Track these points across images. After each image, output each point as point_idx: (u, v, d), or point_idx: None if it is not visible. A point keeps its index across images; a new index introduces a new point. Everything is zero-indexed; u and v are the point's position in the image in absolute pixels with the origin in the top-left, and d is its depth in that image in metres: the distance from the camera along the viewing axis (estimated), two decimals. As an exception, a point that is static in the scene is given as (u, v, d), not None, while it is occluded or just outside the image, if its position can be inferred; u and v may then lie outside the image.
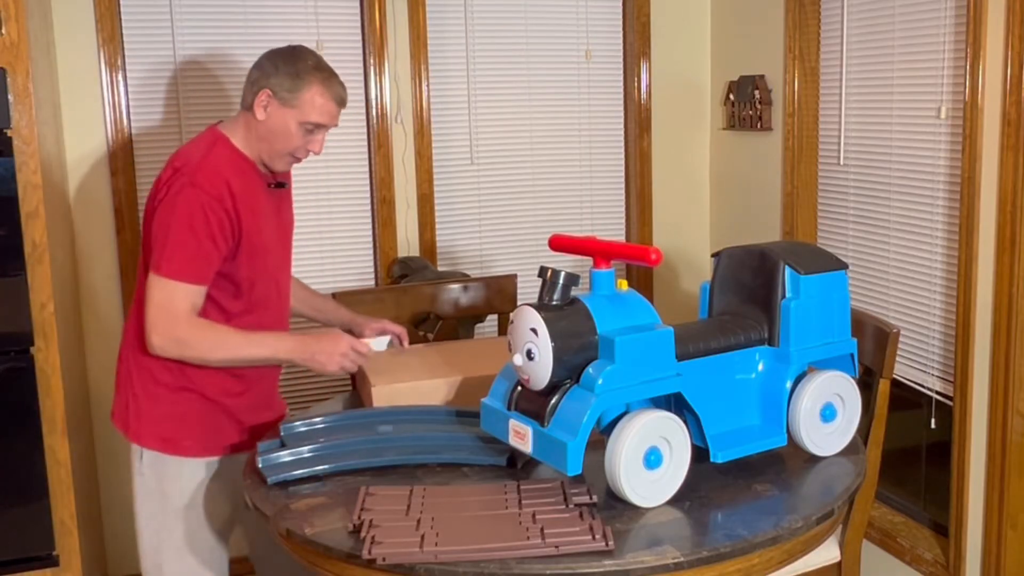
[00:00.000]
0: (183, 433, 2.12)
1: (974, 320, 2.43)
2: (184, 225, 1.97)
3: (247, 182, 2.08)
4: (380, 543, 1.47)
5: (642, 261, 1.63)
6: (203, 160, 2.03)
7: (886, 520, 2.86)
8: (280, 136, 2.07)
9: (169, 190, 2.00)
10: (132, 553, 3.13)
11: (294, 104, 2.04)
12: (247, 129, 2.10)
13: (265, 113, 2.06)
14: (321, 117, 2.07)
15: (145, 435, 2.13)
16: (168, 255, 1.97)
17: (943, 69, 2.54)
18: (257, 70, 2.08)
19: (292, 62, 2.05)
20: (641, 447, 1.59)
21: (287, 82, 2.04)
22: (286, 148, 2.09)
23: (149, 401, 2.11)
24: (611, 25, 3.48)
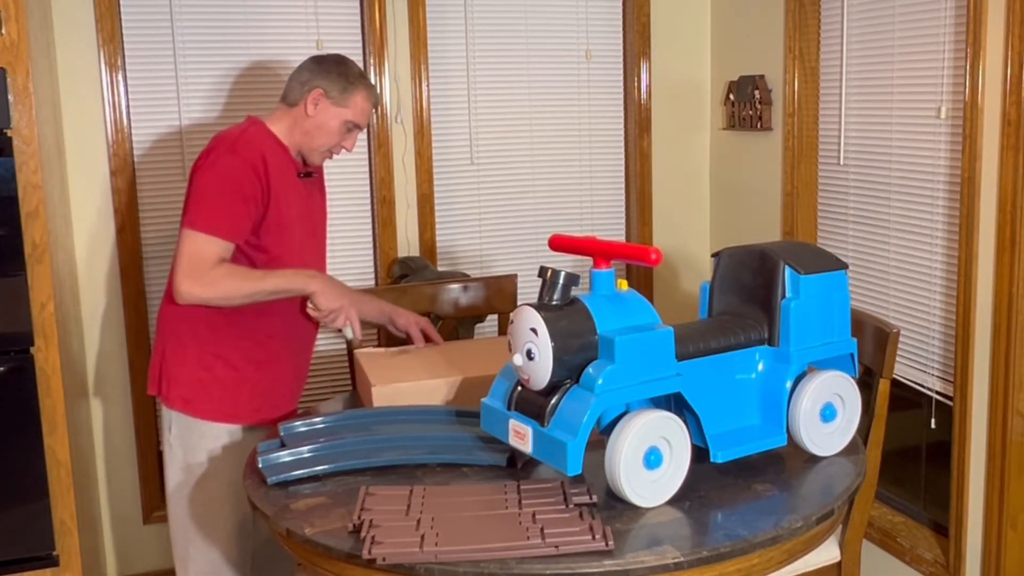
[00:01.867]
0: (206, 397, 2.25)
1: (974, 320, 2.43)
2: (220, 185, 2.15)
3: (280, 162, 2.27)
4: (380, 543, 1.47)
5: (642, 261, 1.63)
6: (242, 134, 2.25)
7: (886, 520, 2.86)
8: (325, 132, 2.29)
9: (208, 157, 2.19)
10: (132, 553, 3.14)
11: (344, 104, 2.28)
12: (292, 122, 2.30)
13: (315, 109, 2.27)
14: (361, 118, 2.32)
15: (173, 397, 2.27)
16: (203, 211, 2.14)
17: (943, 69, 2.54)
18: (308, 72, 2.30)
19: (343, 68, 2.31)
20: (641, 447, 1.59)
21: (339, 84, 2.27)
22: (327, 143, 2.31)
23: (177, 365, 2.26)
24: (611, 25, 3.48)
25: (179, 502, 2.30)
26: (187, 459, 2.27)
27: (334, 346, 3.23)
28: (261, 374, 2.29)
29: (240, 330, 2.25)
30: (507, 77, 3.36)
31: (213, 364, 2.25)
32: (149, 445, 3.09)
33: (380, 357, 2.30)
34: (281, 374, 2.33)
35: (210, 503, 2.28)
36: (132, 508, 3.12)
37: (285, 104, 2.32)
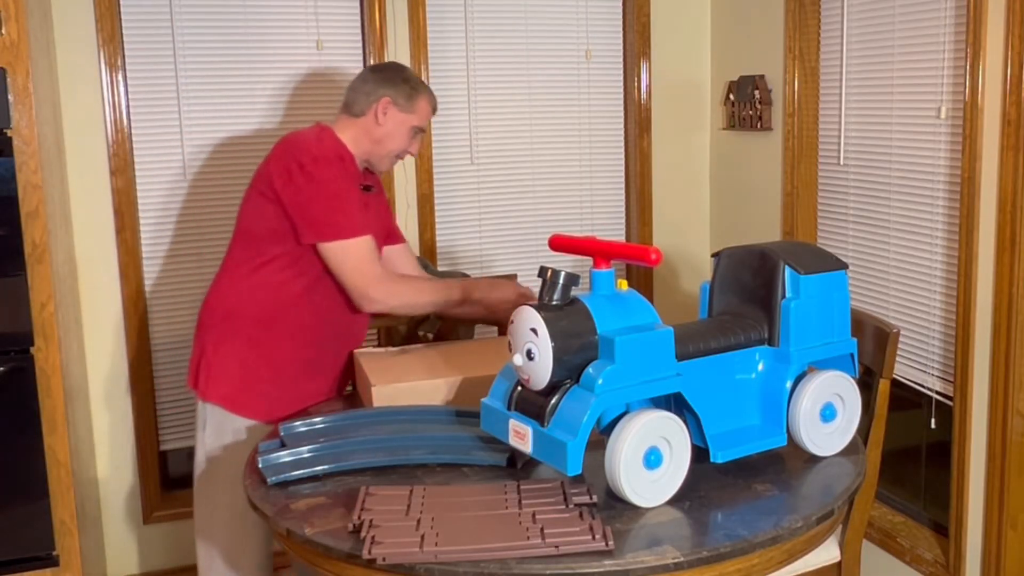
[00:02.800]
0: (246, 394, 2.27)
1: (974, 320, 2.43)
2: (339, 191, 2.23)
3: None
4: (380, 543, 1.47)
5: (642, 261, 1.63)
6: (321, 138, 2.31)
7: (886, 520, 2.86)
8: (394, 138, 2.38)
9: (303, 168, 2.22)
10: (132, 553, 3.14)
11: (411, 110, 2.38)
12: (360, 131, 2.36)
13: (385, 117, 2.36)
14: (425, 123, 2.43)
15: (211, 391, 2.28)
16: (339, 219, 2.22)
17: (943, 69, 2.54)
18: (372, 82, 2.38)
19: (405, 75, 2.42)
20: (641, 447, 1.59)
21: (404, 91, 2.37)
22: (396, 149, 2.40)
23: (219, 359, 2.29)
24: (611, 25, 3.48)
25: (207, 498, 2.31)
26: (221, 454, 2.28)
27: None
28: (302, 374, 2.31)
29: (288, 329, 2.28)
30: (507, 77, 3.36)
31: (257, 362, 2.28)
32: (149, 445, 3.09)
33: (380, 357, 2.30)
34: (321, 375, 2.35)
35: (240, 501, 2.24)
36: (132, 508, 3.12)
37: (349, 114, 2.38)
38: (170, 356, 3.11)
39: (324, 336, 2.32)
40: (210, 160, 3.08)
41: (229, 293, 2.31)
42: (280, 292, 2.27)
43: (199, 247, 3.09)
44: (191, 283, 3.09)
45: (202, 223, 3.09)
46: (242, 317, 2.28)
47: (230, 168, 3.09)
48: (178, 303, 3.09)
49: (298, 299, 2.28)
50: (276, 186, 2.23)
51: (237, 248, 2.35)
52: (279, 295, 2.27)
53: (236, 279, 2.31)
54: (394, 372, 2.17)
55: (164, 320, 3.09)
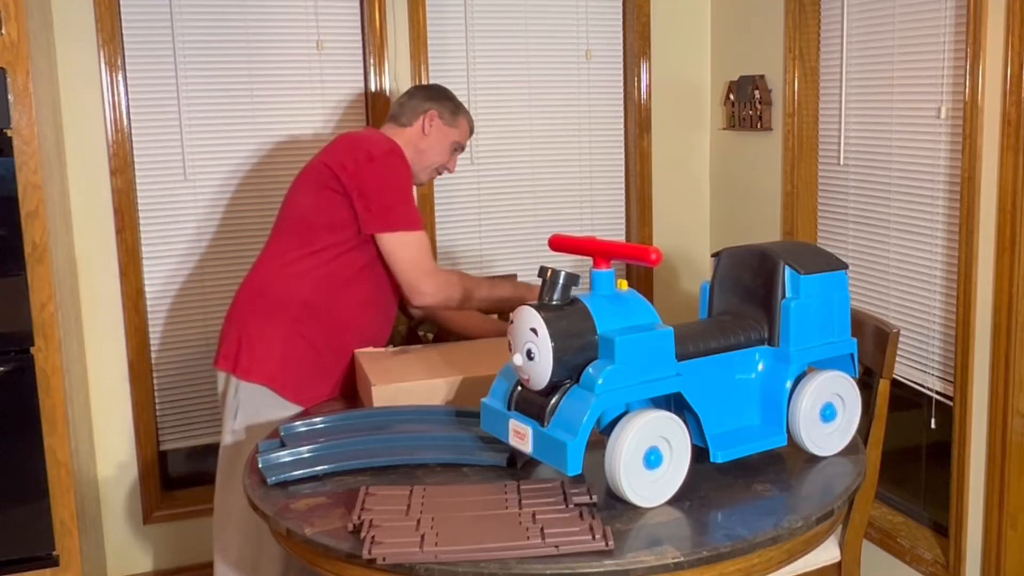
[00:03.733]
0: (287, 374, 2.31)
1: (974, 320, 2.43)
2: (401, 185, 2.34)
3: None
4: (380, 543, 1.47)
5: (642, 261, 1.63)
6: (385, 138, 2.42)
7: (886, 520, 2.86)
8: (437, 150, 2.53)
9: (374, 159, 2.32)
10: (132, 553, 3.14)
11: (454, 125, 2.55)
12: (405, 141, 2.47)
13: (431, 128, 2.51)
14: (465, 140, 2.60)
15: (255, 370, 2.32)
16: (400, 212, 2.31)
17: (943, 69, 2.54)
18: (420, 98, 2.54)
19: (450, 94, 2.59)
20: (641, 447, 1.59)
21: (450, 107, 2.55)
22: (437, 161, 2.55)
23: (263, 341, 2.33)
24: (611, 25, 3.48)
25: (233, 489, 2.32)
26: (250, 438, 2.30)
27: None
28: (337, 362, 2.35)
29: (326, 317, 2.33)
30: (507, 77, 3.36)
31: (299, 344, 2.32)
32: (149, 445, 3.09)
33: (380, 357, 2.30)
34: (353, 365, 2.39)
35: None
36: (132, 508, 3.12)
37: (396, 124, 2.52)
38: (170, 356, 3.11)
39: (360, 327, 2.37)
40: (210, 160, 3.08)
41: (273, 279, 2.37)
42: (325, 281, 2.34)
43: (199, 247, 3.09)
44: (191, 283, 3.10)
45: (202, 223, 3.09)
46: (287, 301, 2.32)
47: (230, 168, 3.09)
48: (178, 303, 3.10)
49: (340, 289, 2.35)
50: (343, 176, 2.31)
51: (284, 236, 2.41)
52: (324, 284, 2.34)
53: (281, 265, 2.37)
54: (394, 372, 2.17)
55: (164, 320, 3.09)
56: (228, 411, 2.34)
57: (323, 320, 2.34)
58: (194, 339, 3.11)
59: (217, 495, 2.41)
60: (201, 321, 3.10)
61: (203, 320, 3.10)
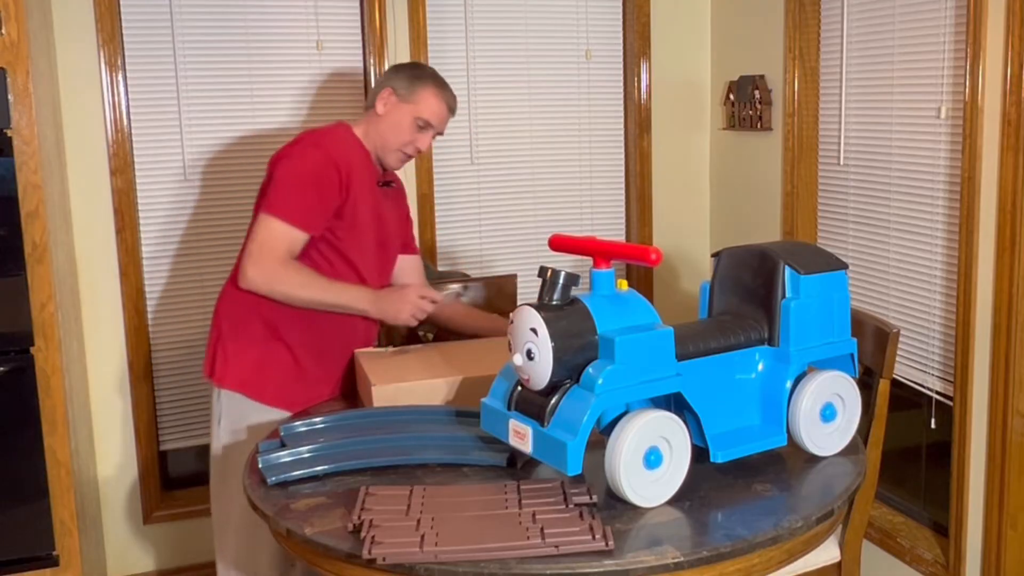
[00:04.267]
0: (263, 379, 2.29)
1: (974, 320, 2.43)
2: (300, 176, 2.23)
3: (362, 166, 2.34)
4: (380, 543, 1.47)
5: (642, 261, 1.63)
6: (327, 133, 2.34)
7: (886, 520, 2.86)
8: (395, 129, 2.34)
9: (293, 148, 2.28)
10: (132, 553, 3.14)
11: (411, 100, 2.34)
12: (368, 124, 2.37)
13: (385, 108, 2.35)
14: (431, 115, 2.35)
15: (229, 377, 2.30)
16: (281, 199, 2.22)
17: (943, 69, 2.54)
18: (384, 76, 2.41)
19: (414, 68, 2.42)
20: (641, 447, 1.59)
21: (406, 81, 2.35)
22: (398, 141, 2.36)
23: (236, 346, 2.31)
24: (611, 25, 3.48)
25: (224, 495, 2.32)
26: (236, 443, 2.29)
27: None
28: (316, 363, 2.33)
29: (302, 318, 2.29)
30: (507, 77, 3.36)
31: (274, 347, 2.29)
32: (149, 445, 3.09)
33: (380, 357, 2.30)
34: (336, 365, 2.37)
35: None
36: (132, 508, 3.12)
37: (366, 108, 2.41)
38: (170, 356, 3.11)
39: (334, 330, 2.34)
40: (210, 160, 3.08)
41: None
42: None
43: (199, 247, 3.09)
44: (191, 283, 3.10)
45: (202, 223, 3.09)
46: (260, 305, 2.29)
47: (230, 168, 3.09)
48: (178, 303, 3.10)
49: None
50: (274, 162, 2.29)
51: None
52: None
53: None
54: (394, 372, 2.17)
55: (164, 320, 3.09)
56: (213, 417, 2.34)
57: (297, 322, 2.30)
58: (194, 339, 3.10)
59: (213, 502, 2.40)
60: (201, 321, 3.10)
61: (203, 320, 3.10)
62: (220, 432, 2.32)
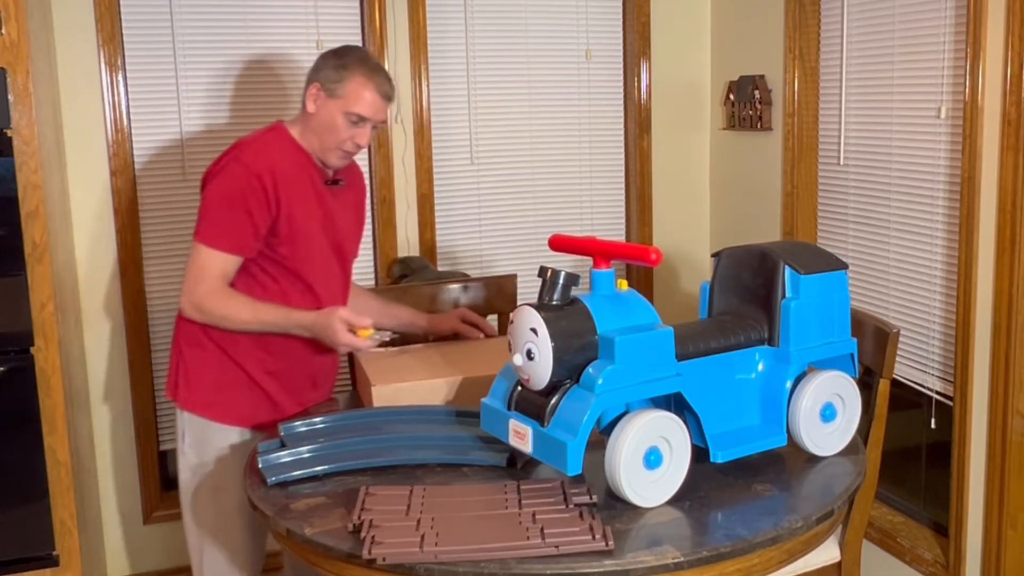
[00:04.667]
0: (224, 399, 2.21)
1: (974, 320, 2.43)
2: (224, 197, 2.12)
3: (298, 170, 2.20)
4: (380, 543, 1.47)
5: (642, 261, 1.63)
6: (253, 142, 2.19)
7: (886, 520, 2.86)
8: (328, 128, 2.17)
9: (218, 166, 2.17)
10: (132, 553, 3.14)
11: (339, 95, 2.15)
12: (303, 124, 2.22)
13: (315, 106, 2.18)
14: (364, 108, 2.15)
15: (192, 400, 2.23)
16: (206, 224, 2.13)
17: (943, 69, 2.54)
18: (312, 68, 2.21)
19: (339, 57, 2.18)
20: (641, 447, 1.59)
21: (333, 74, 2.15)
22: (334, 141, 2.18)
23: (197, 367, 2.22)
24: (611, 25, 3.48)
25: (194, 508, 2.27)
26: (202, 464, 2.24)
27: (334, 346, 3.22)
28: (276, 381, 2.25)
29: (251, 340, 2.20)
30: (507, 77, 3.36)
31: (231, 368, 2.22)
32: (149, 445, 3.09)
33: (380, 357, 2.30)
34: (298, 380, 2.28)
35: (225, 509, 2.25)
36: (132, 508, 3.12)
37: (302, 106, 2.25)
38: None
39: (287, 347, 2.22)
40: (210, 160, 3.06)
41: None
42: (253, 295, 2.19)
43: (199, 247, 3.09)
44: (191, 283, 3.09)
45: (202, 223, 3.08)
46: (206, 327, 2.20)
47: (230, 168, 3.09)
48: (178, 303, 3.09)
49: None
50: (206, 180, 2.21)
51: None
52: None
53: None
54: (394, 372, 2.17)
55: (164, 320, 3.09)
56: (178, 432, 2.28)
57: (247, 344, 2.20)
58: (194, 339, 3.10)
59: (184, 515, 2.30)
60: (201, 321, 3.09)
61: (203, 320, 3.10)
62: (185, 447, 2.25)
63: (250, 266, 2.18)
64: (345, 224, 2.34)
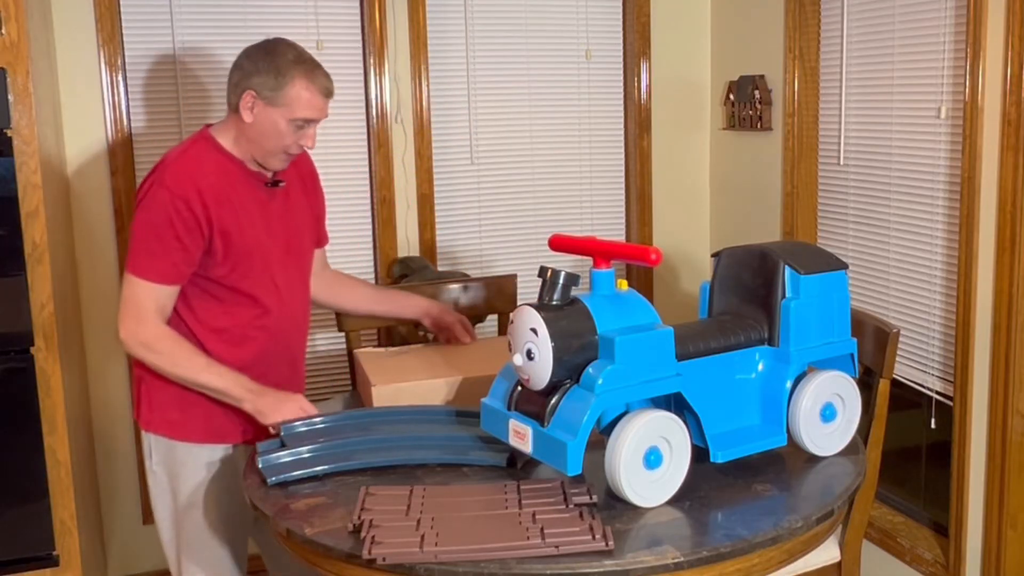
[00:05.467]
0: (189, 417, 2.12)
1: (974, 320, 2.43)
2: (150, 224, 1.99)
3: (229, 182, 2.06)
4: (380, 543, 1.47)
5: (642, 261, 1.63)
6: (175, 160, 2.04)
7: (886, 520, 2.86)
8: (270, 136, 2.04)
9: (141, 188, 2.05)
10: (132, 553, 3.14)
11: (280, 103, 2.00)
12: (237, 131, 2.07)
13: (252, 115, 2.02)
14: (309, 112, 2.03)
15: (155, 420, 2.14)
16: (134, 254, 2.01)
17: (943, 69, 2.54)
18: (238, 71, 2.04)
19: (272, 58, 2.00)
20: (641, 447, 1.59)
21: (270, 80, 1.99)
22: (278, 147, 2.06)
23: (157, 387, 2.11)
24: (611, 25, 3.48)
25: (168, 528, 2.20)
26: (172, 485, 2.16)
27: (334, 346, 3.22)
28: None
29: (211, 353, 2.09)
30: (507, 77, 3.36)
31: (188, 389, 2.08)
32: (149, 445, 3.09)
33: (380, 357, 2.30)
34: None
35: (201, 525, 2.18)
36: (132, 508, 3.12)
37: (230, 110, 2.08)
38: (170, 356, 3.10)
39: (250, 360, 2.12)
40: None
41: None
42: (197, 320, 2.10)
43: (199, 247, 3.09)
44: (191, 283, 3.09)
45: (202, 223, 3.08)
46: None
47: (230, 168, 3.09)
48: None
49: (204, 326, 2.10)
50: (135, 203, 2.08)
51: None
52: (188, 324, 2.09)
53: None
54: (394, 372, 2.17)
55: (164, 320, 3.09)
56: (145, 454, 2.20)
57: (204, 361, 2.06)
58: (194, 339, 3.10)
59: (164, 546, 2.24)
60: (201, 321, 3.10)
61: (203, 320, 3.10)
62: (154, 467, 2.17)
63: (194, 289, 2.07)
64: (295, 220, 2.22)
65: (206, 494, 2.16)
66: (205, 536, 2.18)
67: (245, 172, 2.11)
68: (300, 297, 2.25)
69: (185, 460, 2.15)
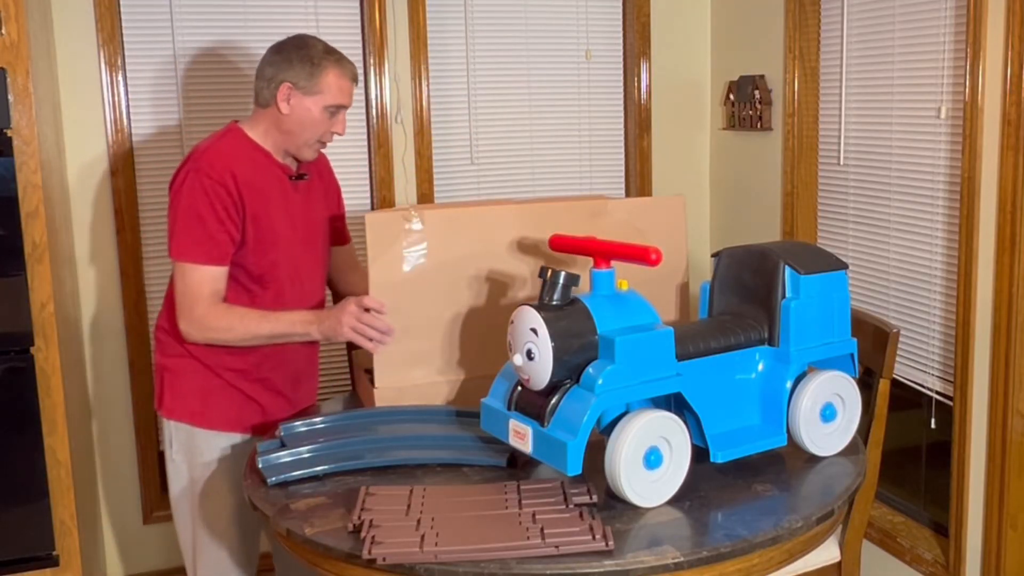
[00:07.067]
0: (211, 406, 2.19)
1: (974, 320, 2.43)
2: (191, 210, 2.08)
3: (259, 172, 2.17)
4: (380, 543, 1.47)
5: (642, 261, 1.63)
6: (207, 150, 2.14)
7: (886, 520, 2.86)
8: (307, 125, 2.16)
9: (178, 177, 2.13)
10: (132, 553, 3.14)
11: (315, 91, 2.14)
12: (270, 124, 2.18)
13: (288, 106, 2.15)
14: (342, 98, 2.18)
15: (177, 408, 2.21)
16: (179, 241, 2.10)
17: (943, 69, 2.54)
18: (271, 67, 2.16)
19: (304, 51, 2.15)
20: (641, 447, 1.59)
21: (305, 71, 2.13)
22: (314, 135, 2.18)
23: (179, 376, 2.20)
24: (611, 25, 3.48)
25: (185, 515, 2.27)
26: (191, 472, 2.22)
27: (334, 346, 3.22)
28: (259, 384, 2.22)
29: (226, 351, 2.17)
30: (507, 77, 3.36)
31: (213, 375, 2.19)
32: (149, 445, 3.09)
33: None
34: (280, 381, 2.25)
35: (217, 514, 2.24)
36: (132, 508, 3.12)
37: (258, 106, 2.20)
38: (170, 356, 3.11)
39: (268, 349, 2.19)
40: (210, 160, 3.07)
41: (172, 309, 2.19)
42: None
43: (199, 247, 3.09)
44: (191, 283, 3.09)
45: (202, 223, 3.08)
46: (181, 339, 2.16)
47: (230, 168, 3.09)
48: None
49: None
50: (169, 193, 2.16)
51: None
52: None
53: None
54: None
55: (164, 320, 3.09)
56: (165, 442, 2.26)
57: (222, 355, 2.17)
58: (194, 339, 3.10)
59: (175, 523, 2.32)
60: (201, 321, 3.09)
61: (203, 320, 3.10)
62: (174, 455, 2.23)
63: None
64: (316, 215, 2.31)
65: (223, 481, 2.21)
66: (221, 523, 2.24)
67: (273, 163, 2.21)
68: (317, 288, 2.33)
69: (204, 447, 2.21)
